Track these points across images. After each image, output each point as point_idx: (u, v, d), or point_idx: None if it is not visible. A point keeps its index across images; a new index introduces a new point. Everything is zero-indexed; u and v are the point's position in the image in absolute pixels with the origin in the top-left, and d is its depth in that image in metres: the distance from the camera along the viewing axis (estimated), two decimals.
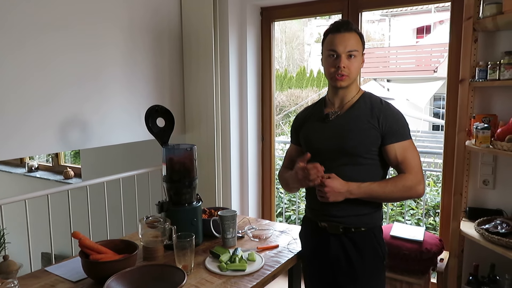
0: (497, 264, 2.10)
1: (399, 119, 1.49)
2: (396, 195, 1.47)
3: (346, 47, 1.46)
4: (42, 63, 2.07)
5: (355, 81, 1.55)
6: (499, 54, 2.08)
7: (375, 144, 1.48)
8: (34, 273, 1.51)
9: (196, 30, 2.71)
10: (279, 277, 1.58)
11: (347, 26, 1.48)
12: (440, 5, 8.91)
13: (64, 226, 2.21)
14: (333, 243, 1.54)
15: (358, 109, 1.52)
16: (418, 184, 1.45)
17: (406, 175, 1.46)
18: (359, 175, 1.48)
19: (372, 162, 1.50)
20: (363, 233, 1.52)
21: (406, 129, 1.50)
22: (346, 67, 1.47)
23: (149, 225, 1.59)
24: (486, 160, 2.22)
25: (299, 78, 10.91)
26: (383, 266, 1.58)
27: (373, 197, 1.47)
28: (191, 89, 2.81)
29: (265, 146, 3.11)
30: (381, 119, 1.47)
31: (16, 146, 2.02)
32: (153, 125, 1.80)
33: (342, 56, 1.46)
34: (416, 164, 1.48)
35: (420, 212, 4.09)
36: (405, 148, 1.47)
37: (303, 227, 1.71)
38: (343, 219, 1.51)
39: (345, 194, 1.43)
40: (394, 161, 1.48)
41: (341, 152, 1.50)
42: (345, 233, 1.52)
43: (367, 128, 1.48)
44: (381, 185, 1.46)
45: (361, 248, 1.51)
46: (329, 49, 1.49)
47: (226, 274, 1.45)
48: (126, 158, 3.52)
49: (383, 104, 1.51)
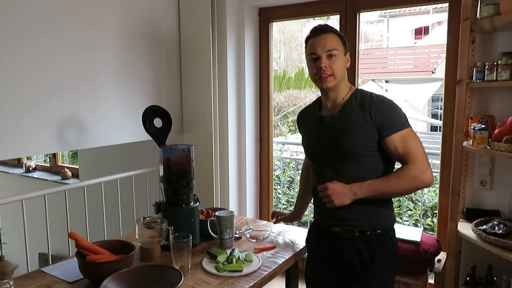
0: (494, 265, 2.10)
1: (392, 110, 1.45)
2: (402, 187, 1.41)
3: (325, 47, 1.47)
4: (40, 64, 2.06)
5: (344, 81, 1.53)
6: (496, 55, 2.09)
7: (372, 140, 1.45)
8: (30, 273, 1.50)
9: (194, 31, 2.71)
10: (276, 278, 1.58)
11: (323, 29, 1.50)
12: (438, 6, 8.95)
13: (62, 227, 2.20)
14: (346, 248, 1.51)
15: (349, 107, 1.50)
16: (423, 172, 1.39)
17: (409, 166, 1.40)
18: (361, 173, 1.45)
19: (372, 159, 1.47)
20: (378, 235, 1.50)
21: (402, 118, 1.45)
22: (327, 66, 1.47)
23: (146, 226, 1.59)
24: (484, 161, 2.23)
25: (297, 78, 10.92)
26: (395, 268, 1.56)
27: (380, 193, 1.42)
28: (189, 90, 2.81)
29: (263, 147, 3.11)
30: (373, 113, 1.44)
31: (13, 146, 2.02)
32: (150, 126, 1.80)
33: (322, 57, 1.47)
34: (419, 153, 1.42)
35: (418, 213, 4.09)
36: (404, 138, 1.42)
37: (312, 233, 1.68)
38: (358, 222, 1.48)
39: (349, 195, 1.41)
40: (395, 153, 1.43)
41: (338, 153, 1.49)
42: (360, 237, 1.49)
43: (361, 125, 1.45)
44: (383, 180, 1.42)
45: (376, 251, 1.49)
46: (309, 53, 1.51)
47: (223, 274, 1.44)
48: (123, 159, 3.52)
49: (373, 98, 1.47)
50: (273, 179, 3.23)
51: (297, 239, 1.79)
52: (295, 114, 9.51)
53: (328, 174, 1.51)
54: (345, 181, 1.44)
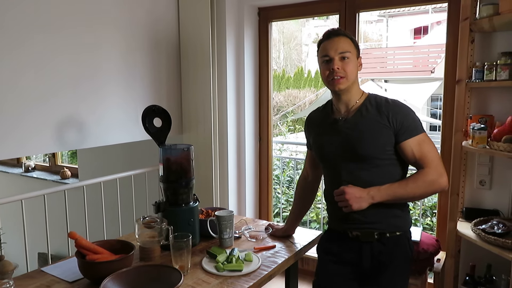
0: (493, 264, 2.11)
1: (408, 114, 1.47)
2: (419, 191, 1.43)
3: (338, 49, 1.48)
4: (40, 63, 2.06)
5: (356, 84, 1.53)
6: (495, 55, 2.09)
7: (389, 144, 1.46)
8: (30, 273, 1.50)
9: (194, 30, 2.71)
10: (276, 278, 1.58)
11: (337, 32, 1.52)
12: (438, 6, 8.95)
13: (61, 227, 2.21)
14: (365, 252, 1.50)
15: (365, 111, 1.50)
16: (440, 177, 1.42)
17: (426, 170, 1.42)
18: (377, 177, 1.46)
19: (389, 162, 1.48)
20: (397, 238, 1.50)
21: (418, 123, 1.47)
22: (340, 68, 1.47)
23: (146, 226, 1.59)
24: (483, 161, 2.23)
25: (296, 78, 10.93)
26: (410, 271, 1.56)
27: (397, 197, 1.43)
28: (189, 89, 2.81)
29: (262, 147, 3.11)
30: (390, 117, 1.45)
31: (13, 146, 2.02)
32: (150, 125, 1.80)
33: (335, 59, 1.48)
34: (435, 157, 1.44)
35: (417, 212, 4.10)
36: (420, 143, 1.44)
37: (327, 238, 1.65)
38: (376, 224, 1.48)
39: (367, 199, 1.40)
40: (412, 158, 1.45)
41: (355, 157, 1.48)
42: (379, 239, 1.49)
43: (378, 129, 1.46)
44: (401, 184, 1.44)
45: (395, 253, 1.49)
46: (322, 56, 1.52)
47: (222, 274, 1.44)
48: (123, 158, 3.52)
49: (389, 103, 1.49)
50: (273, 178, 3.23)
51: (296, 238, 1.80)
52: (294, 113, 9.52)
53: (343, 178, 1.50)
54: (360, 184, 1.44)
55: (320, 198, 3.95)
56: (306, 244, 1.75)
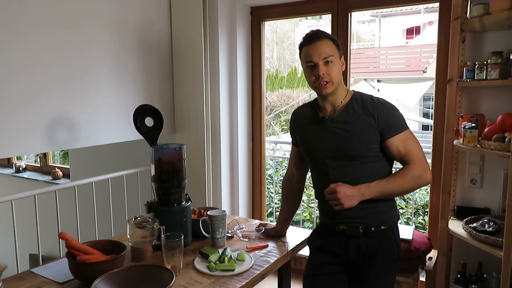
0: (484, 262, 2.12)
1: (394, 112, 1.51)
2: (407, 187, 1.48)
3: (321, 54, 1.49)
4: (29, 62, 2.04)
5: (341, 84, 1.56)
6: (486, 54, 2.11)
7: (375, 142, 1.50)
8: (19, 274, 1.49)
9: (186, 29, 2.70)
10: (269, 277, 1.58)
11: (317, 36, 1.52)
12: (430, 6, 9.01)
13: (52, 227, 2.18)
14: (351, 246, 1.54)
15: (351, 110, 1.53)
16: (424, 172, 1.47)
17: (411, 166, 1.47)
18: (365, 174, 1.49)
19: (375, 159, 1.52)
20: (382, 232, 1.54)
21: (402, 120, 1.51)
22: (325, 74, 1.49)
23: (138, 226, 1.58)
24: (474, 159, 2.25)
25: (290, 78, 10.93)
26: (397, 266, 1.59)
27: (386, 193, 1.47)
28: (181, 89, 2.80)
29: (255, 146, 3.11)
30: (376, 116, 1.48)
31: (2, 146, 1.99)
32: (141, 125, 1.79)
33: (319, 64, 1.49)
34: (419, 153, 1.49)
35: (409, 211, 4.12)
36: (405, 140, 1.49)
37: (317, 233, 1.69)
38: (361, 219, 1.51)
39: (358, 196, 1.43)
40: (397, 154, 1.50)
41: (342, 155, 1.51)
42: (365, 234, 1.53)
43: (364, 128, 1.49)
44: (389, 180, 1.47)
45: (380, 246, 1.52)
46: (306, 61, 1.53)
47: (215, 274, 1.44)
48: (115, 158, 3.49)
49: (375, 101, 1.52)
50: (266, 178, 3.23)
51: (289, 238, 1.80)
52: (287, 113, 9.52)
53: (331, 176, 1.53)
54: (348, 182, 1.46)
55: (313, 198, 3.95)
56: (299, 243, 1.75)
